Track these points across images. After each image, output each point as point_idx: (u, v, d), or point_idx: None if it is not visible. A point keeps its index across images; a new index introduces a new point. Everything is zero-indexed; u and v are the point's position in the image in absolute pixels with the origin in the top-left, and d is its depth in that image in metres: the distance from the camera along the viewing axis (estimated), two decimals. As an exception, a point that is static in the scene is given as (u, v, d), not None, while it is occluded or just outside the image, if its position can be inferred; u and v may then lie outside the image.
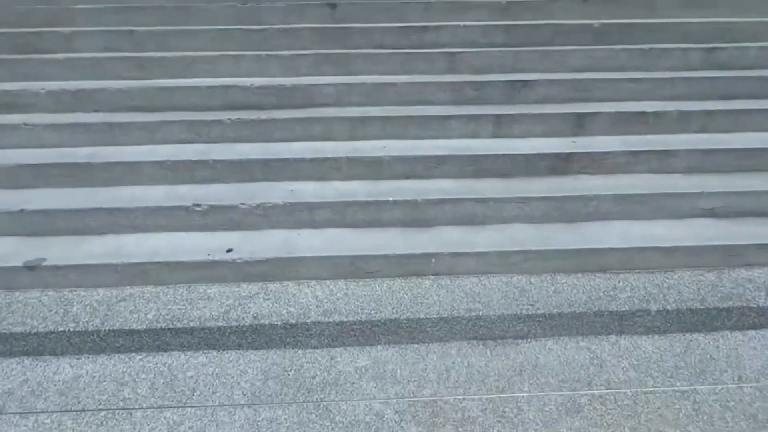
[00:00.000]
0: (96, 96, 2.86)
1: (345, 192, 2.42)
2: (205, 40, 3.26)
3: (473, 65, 3.12)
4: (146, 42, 3.26)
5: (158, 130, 2.70)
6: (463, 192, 2.40)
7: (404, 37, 3.29)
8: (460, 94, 2.92)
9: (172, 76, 3.06)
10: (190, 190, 2.46)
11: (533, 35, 3.31)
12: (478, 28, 3.29)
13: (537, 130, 2.76)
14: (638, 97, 2.97)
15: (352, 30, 3.26)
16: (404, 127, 2.73)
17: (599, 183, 2.49)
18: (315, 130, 2.72)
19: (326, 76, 3.07)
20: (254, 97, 2.88)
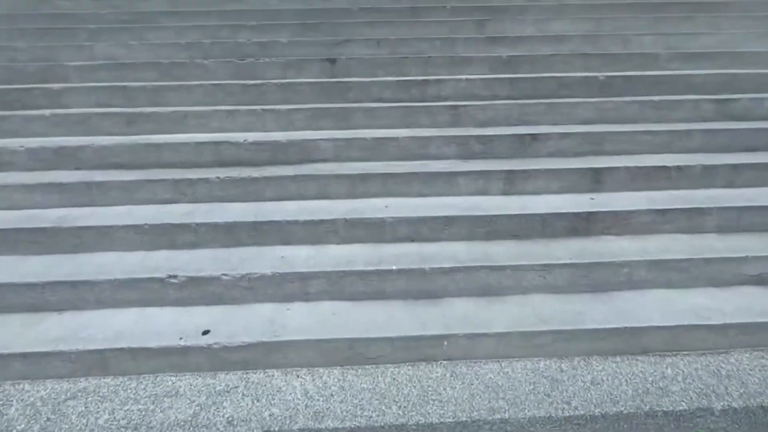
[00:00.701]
0: (78, 153, 2.63)
1: (342, 259, 2.11)
2: (199, 94, 3.09)
3: (478, 118, 2.93)
4: (139, 97, 3.09)
5: (139, 189, 2.43)
6: (476, 257, 2.09)
7: (404, 91, 3.13)
8: (466, 148, 2.70)
9: (162, 132, 2.85)
10: (168, 257, 2.15)
11: (537, 88, 3.15)
12: (481, 81, 3.15)
13: (551, 186, 2.50)
14: (655, 150, 2.74)
15: (351, 84, 3.10)
16: (407, 184, 2.47)
17: (627, 246, 2.18)
18: (310, 188, 2.46)
19: (324, 131, 2.86)
20: (247, 153, 2.65)
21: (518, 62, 3.41)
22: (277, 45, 3.62)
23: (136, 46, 3.59)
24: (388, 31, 3.83)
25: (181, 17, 4.06)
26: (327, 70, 3.37)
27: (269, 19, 4.02)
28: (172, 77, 3.31)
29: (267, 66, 3.35)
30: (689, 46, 3.68)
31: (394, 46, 3.63)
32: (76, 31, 3.81)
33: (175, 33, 3.84)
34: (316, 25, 3.86)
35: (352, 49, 3.59)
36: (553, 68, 3.42)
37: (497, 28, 3.90)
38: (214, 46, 3.61)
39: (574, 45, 3.69)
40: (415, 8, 4.15)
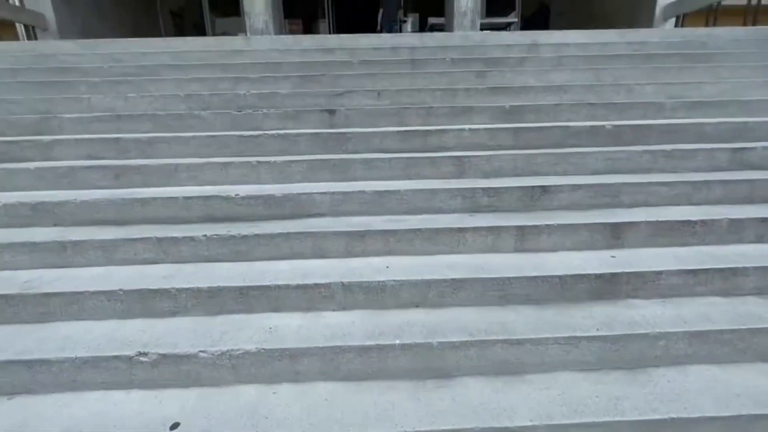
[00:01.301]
0: (58, 209, 2.45)
1: (338, 329, 1.85)
2: (193, 146, 2.98)
3: (483, 169, 2.78)
4: (131, 149, 2.98)
5: (119, 248, 2.22)
6: (490, 328, 1.83)
7: (406, 141, 3.02)
8: (472, 201, 2.52)
9: (151, 185, 2.70)
10: (142, 328, 1.89)
11: (543, 138, 3.04)
12: (485, 131, 3.04)
13: (567, 242, 2.29)
14: (674, 202, 2.56)
15: (350, 135, 3.00)
16: (410, 241, 2.27)
17: (659, 313, 1.93)
18: (305, 246, 2.25)
19: (321, 183, 2.71)
20: (238, 208, 2.47)
21: (522, 112, 3.33)
22: (276, 96, 3.58)
23: (135, 98, 3.55)
24: (388, 83, 3.81)
25: (182, 70, 4.07)
26: (326, 121, 3.29)
27: (270, 71, 4.03)
28: (167, 128, 3.23)
29: (265, 117, 3.27)
30: (692, 95, 3.63)
31: (395, 96, 3.59)
32: (76, 83, 3.80)
33: (175, 85, 3.82)
34: (316, 77, 3.85)
35: (352, 100, 3.55)
36: (558, 117, 3.34)
37: (498, 79, 3.89)
38: (213, 98, 3.57)
39: (577, 95, 3.64)
40: (415, 60, 4.18)
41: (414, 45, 4.62)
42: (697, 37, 4.82)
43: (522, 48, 4.52)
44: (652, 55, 4.31)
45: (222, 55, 4.40)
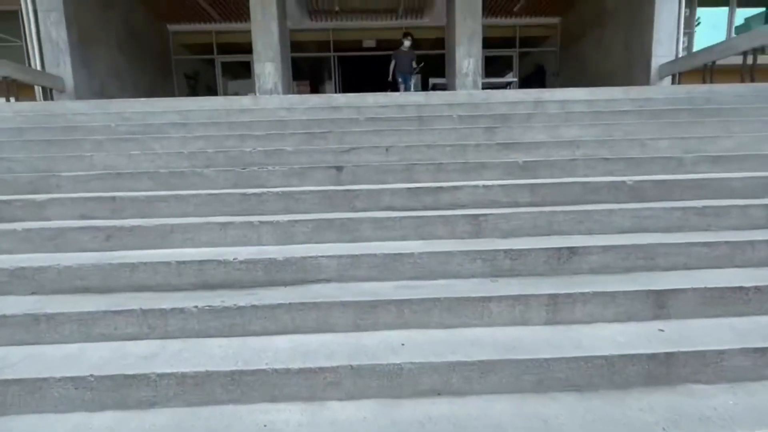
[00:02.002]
0: (38, 275, 2.22)
1: (346, 425, 1.53)
2: (193, 205, 2.82)
3: (502, 228, 2.58)
4: (127, 209, 2.81)
5: (98, 322, 1.96)
6: (529, 424, 1.51)
7: (416, 199, 2.85)
8: (493, 264, 2.29)
9: (143, 247, 2.49)
10: (112, 425, 1.58)
11: (561, 194, 2.87)
12: (499, 188, 2.88)
13: (606, 313, 2.02)
14: (716, 265, 2.32)
15: (358, 192, 2.84)
16: (428, 312, 2.00)
17: (731, 403, 1.61)
18: (308, 319, 1.98)
19: (327, 244, 2.50)
20: (236, 273, 2.24)
21: (535, 167, 3.21)
22: (282, 153, 3.49)
23: (138, 156, 3.47)
24: (396, 139, 3.75)
25: (189, 128, 4.06)
26: (333, 178, 3.16)
27: (276, 128, 4.00)
28: (167, 186, 3.10)
29: (270, 174, 3.15)
30: (710, 150, 3.53)
31: (403, 153, 3.50)
32: (81, 142, 3.76)
33: (180, 143, 3.78)
34: (323, 134, 3.80)
35: (360, 156, 3.45)
36: (573, 173, 3.21)
37: (507, 134, 3.83)
38: (217, 155, 3.49)
39: (590, 150, 3.55)
40: (422, 117, 4.17)
41: (420, 102, 4.66)
42: (700, 93, 4.86)
43: (527, 105, 4.54)
44: (659, 111, 4.30)
45: (230, 113, 4.42)
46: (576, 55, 10.35)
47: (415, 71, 7.90)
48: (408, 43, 7.62)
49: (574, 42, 10.37)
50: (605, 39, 9.06)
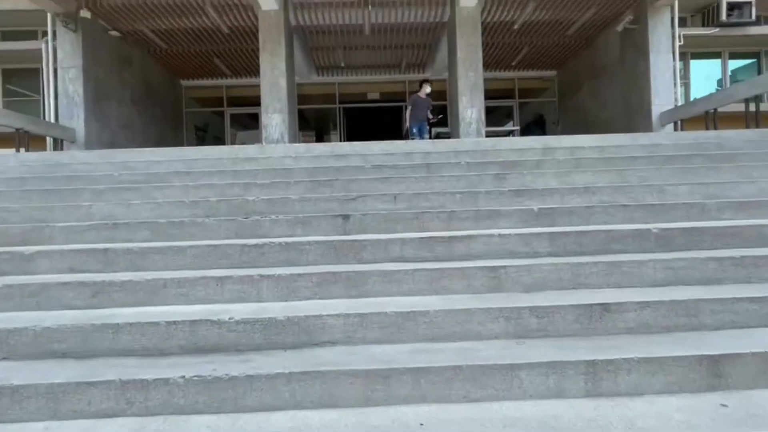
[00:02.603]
0: (11, 338, 1.99)
1: None
2: (190, 257, 2.64)
3: (523, 282, 2.36)
4: (119, 261, 2.64)
5: (70, 396, 1.70)
6: None
7: (428, 249, 2.66)
8: (518, 324, 2.05)
9: (132, 304, 2.28)
10: None
11: (584, 243, 2.69)
12: (516, 237, 2.71)
13: (655, 383, 1.74)
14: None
15: (366, 242, 2.67)
16: (449, 383, 1.73)
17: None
18: (311, 392, 1.72)
19: (333, 300, 2.28)
20: (231, 335, 2.00)
21: (552, 215, 3.05)
22: (287, 202, 3.37)
23: (138, 205, 3.36)
24: (404, 186, 3.65)
25: (193, 177, 3.99)
26: (339, 227, 3.01)
27: (281, 177, 3.93)
28: (165, 237, 2.95)
29: (273, 224, 3.01)
30: (732, 195, 3.38)
31: (412, 200, 3.37)
32: (82, 191, 3.68)
33: (182, 191, 3.68)
34: (329, 182, 3.72)
35: (367, 204, 3.32)
36: (593, 220, 3.04)
37: (518, 181, 3.72)
38: (220, 204, 3.38)
39: (606, 196, 3.41)
40: (429, 165, 4.11)
41: (427, 150, 4.63)
42: (708, 139, 4.83)
43: (536, 151, 4.50)
44: (671, 157, 4.22)
45: (235, 162, 4.39)
46: (574, 105, 10.65)
47: (432, 121, 7.44)
48: (427, 90, 7.21)
49: (572, 93, 10.71)
50: (602, 90, 9.35)
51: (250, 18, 7.97)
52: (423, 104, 7.23)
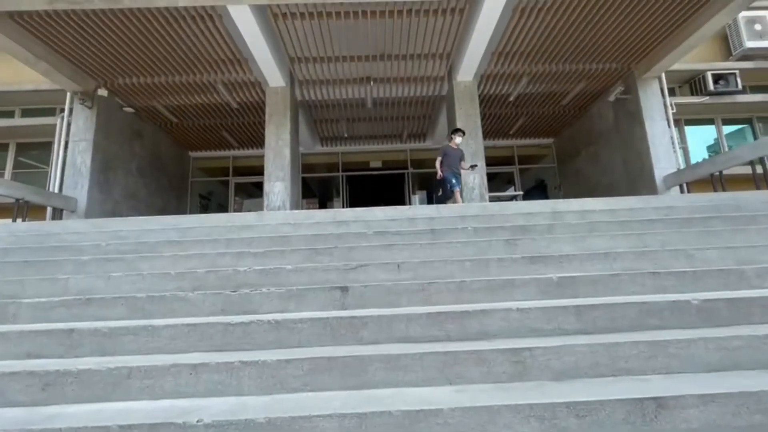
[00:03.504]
0: (-73, 449, 1.63)
1: None
2: (164, 339, 2.31)
3: (553, 367, 2.00)
4: (84, 344, 2.31)
5: None
6: None
7: (438, 326, 2.33)
8: (554, 425, 1.66)
9: (86, 400, 1.91)
10: None
11: (615, 318, 2.35)
12: (538, 311, 2.38)
13: None
14: None
15: (366, 319, 2.34)
16: None
17: None
18: None
19: (327, 393, 1.91)
20: (197, 443, 1.63)
21: (574, 284, 2.75)
22: (281, 273, 3.11)
23: (119, 278, 3.10)
24: (408, 254, 3.40)
25: (184, 246, 3.78)
26: (337, 301, 2.70)
27: (277, 245, 3.71)
28: (142, 314, 2.64)
29: (264, 298, 2.71)
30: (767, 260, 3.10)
31: (417, 269, 3.10)
32: (63, 263, 3.44)
33: (170, 262, 3.44)
34: (328, 250, 3.48)
35: (368, 274, 3.05)
36: (620, 290, 2.73)
37: (531, 247, 3.48)
38: (208, 275, 3.11)
39: (629, 263, 3.13)
40: (434, 230, 3.90)
41: (431, 215, 4.46)
42: (724, 200, 4.66)
43: (545, 215, 4.31)
44: (688, 220, 4.01)
45: (230, 230, 4.21)
46: (574, 170, 10.78)
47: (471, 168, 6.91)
48: (458, 140, 6.72)
49: (571, 158, 10.91)
50: (601, 155, 9.50)
51: (258, 94, 8.42)
52: (455, 154, 6.75)
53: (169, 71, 7.50)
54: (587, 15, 6.42)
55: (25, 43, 6.22)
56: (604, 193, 8.72)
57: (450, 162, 6.64)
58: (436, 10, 6.29)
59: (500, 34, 6.85)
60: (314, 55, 7.38)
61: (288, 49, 7.20)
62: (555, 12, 6.33)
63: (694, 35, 6.69)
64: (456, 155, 6.75)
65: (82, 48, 6.63)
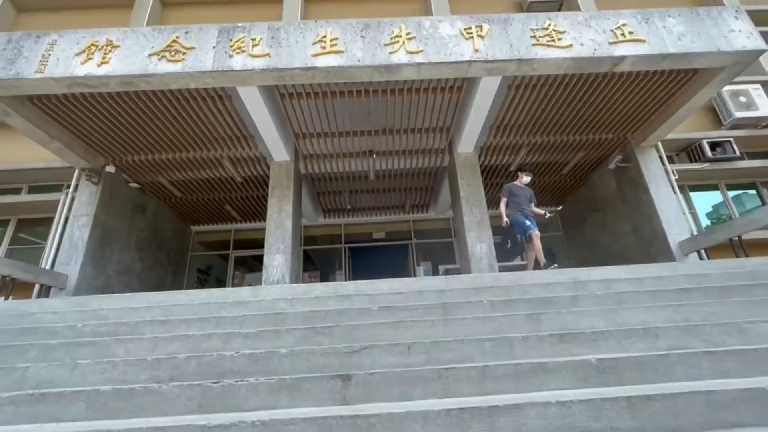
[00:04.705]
0: None
1: None
2: (123, 449, 1.88)
3: (618, 488, 1.54)
4: (22, 457, 1.87)
5: None
6: None
7: (461, 427, 1.90)
8: None
9: None
10: None
11: (679, 413, 1.92)
12: (582, 405, 1.95)
13: None
14: None
15: (373, 420, 1.91)
16: None
17: None
18: None
19: None
20: None
21: (617, 368, 2.33)
22: (273, 357, 2.70)
23: (87, 366, 2.69)
24: (418, 333, 3.01)
25: (168, 327, 3.40)
26: (337, 393, 2.27)
27: (272, 324, 3.33)
28: (103, 413, 2.20)
29: (251, 390, 2.29)
30: (835, 334, 2.69)
31: (430, 351, 2.69)
32: (27, 348, 3.05)
33: (150, 345, 3.05)
34: (328, 329, 3.09)
35: (374, 358, 2.64)
36: (673, 374, 2.31)
37: (557, 322, 3.09)
38: (189, 362, 2.70)
39: (674, 339, 2.73)
40: (446, 304, 3.53)
41: (441, 288, 4.12)
42: (757, 266, 4.33)
43: (565, 285, 3.96)
44: (726, 288, 3.65)
45: (222, 307, 3.85)
46: (582, 237, 10.55)
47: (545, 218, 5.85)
48: (526, 179, 5.85)
49: (578, 226, 10.75)
50: (608, 222, 9.33)
51: (263, 168, 8.57)
52: (523, 194, 5.76)
53: (178, 148, 7.72)
54: (579, 91, 6.72)
55: (41, 124, 6.46)
56: (617, 261, 8.37)
57: (518, 202, 5.57)
58: (435, 88, 6.61)
59: (497, 109, 7.12)
60: (319, 131, 7.64)
61: (293, 126, 7.47)
62: (549, 88, 6.63)
63: (684, 107, 6.93)
64: (524, 195, 5.70)
65: (95, 128, 6.88)
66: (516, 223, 5.33)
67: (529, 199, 5.63)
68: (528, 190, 5.70)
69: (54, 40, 5.79)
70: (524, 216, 5.35)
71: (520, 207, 5.49)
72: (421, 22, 5.88)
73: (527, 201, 5.60)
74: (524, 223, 5.23)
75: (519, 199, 5.60)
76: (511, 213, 5.48)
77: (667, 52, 5.65)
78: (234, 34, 5.78)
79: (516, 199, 5.60)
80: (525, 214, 5.38)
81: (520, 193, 5.68)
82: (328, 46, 5.60)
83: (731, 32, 5.85)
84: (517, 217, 5.35)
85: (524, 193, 5.70)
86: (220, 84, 5.75)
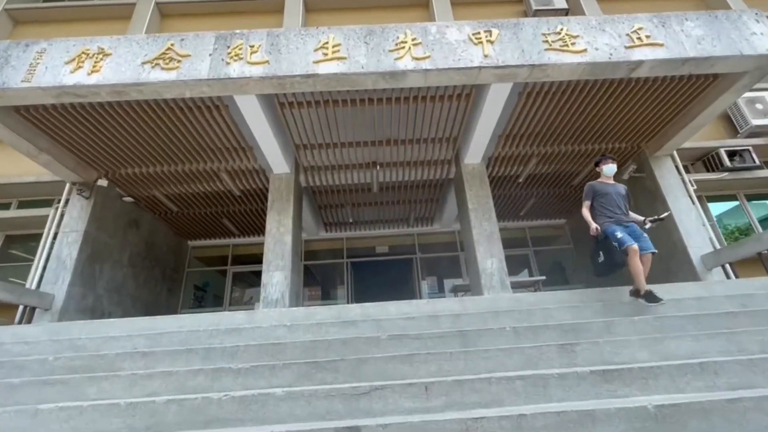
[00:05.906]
0: None
1: None
2: None
3: None
4: None
5: None
6: None
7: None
8: None
9: None
10: None
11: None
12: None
13: None
14: None
15: (391, 494, 1.53)
16: None
17: None
18: None
19: None
20: None
21: (679, 416, 1.94)
22: (268, 400, 2.31)
23: (49, 413, 2.30)
24: (435, 368, 2.62)
25: (151, 360, 3.02)
26: (344, 452, 1.88)
27: (268, 356, 2.95)
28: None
29: (238, 447, 1.90)
30: None
31: (452, 393, 2.30)
32: (-13, 388, 2.67)
33: (126, 385, 2.66)
34: (332, 364, 2.71)
35: (386, 402, 2.25)
36: (749, 425, 1.91)
37: (593, 355, 2.70)
38: (169, 407, 2.31)
39: (736, 376, 2.33)
40: (464, 333, 3.14)
41: (455, 311, 3.73)
42: (802, 285, 3.94)
43: (595, 309, 3.57)
44: None
45: (213, 335, 3.47)
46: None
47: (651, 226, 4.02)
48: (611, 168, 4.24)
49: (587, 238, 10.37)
50: (622, 235, 8.96)
51: (261, 181, 8.25)
52: (613, 192, 4.10)
53: (173, 160, 7.41)
54: (592, 98, 6.44)
55: (29, 136, 6.17)
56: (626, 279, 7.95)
57: (607, 204, 3.95)
58: (443, 96, 6.33)
59: (507, 118, 6.84)
60: (320, 141, 7.35)
61: (293, 137, 7.17)
62: (561, 96, 6.35)
63: (702, 114, 6.63)
64: (615, 193, 4.06)
65: (86, 140, 6.59)
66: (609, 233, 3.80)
67: (623, 197, 4.05)
68: (620, 187, 4.14)
69: (43, 48, 5.53)
70: (618, 225, 3.83)
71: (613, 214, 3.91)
72: (427, 28, 5.63)
73: (621, 202, 4.02)
74: (617, 233, 3.71)
75: (608, 200, 3.99)
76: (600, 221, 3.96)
77: (687, 56, 5.36)
78: (232, 41, 5.52)
79: (603, 201, 4.01)
80: (618, 220, 3.87)
81: (608, 191, 4.05)
82: (330, 52, 5.33)
83: (753, 35, 5.58)
84: (608, 226, 3.82)
85: (615, 190, 4.08)
86: (217, 92, 5.46)
